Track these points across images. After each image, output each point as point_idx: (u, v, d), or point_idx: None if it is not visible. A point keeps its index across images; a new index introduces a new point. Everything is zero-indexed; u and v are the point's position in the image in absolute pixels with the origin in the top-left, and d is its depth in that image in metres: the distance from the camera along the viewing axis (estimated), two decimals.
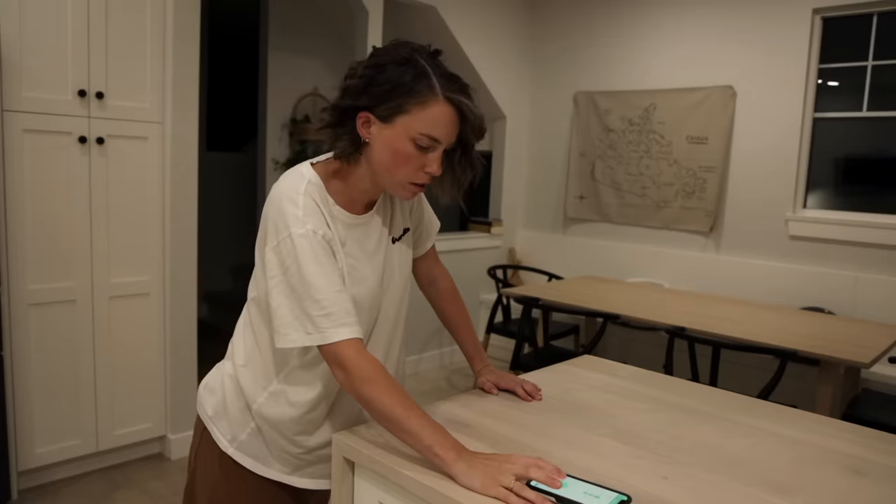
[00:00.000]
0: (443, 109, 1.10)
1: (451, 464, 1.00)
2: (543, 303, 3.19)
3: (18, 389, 2.51)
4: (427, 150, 1.12)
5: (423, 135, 1.10)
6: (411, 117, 1.09)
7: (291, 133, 4.66)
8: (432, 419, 1.05)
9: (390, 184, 1.16)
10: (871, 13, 3.54)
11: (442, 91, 1.10)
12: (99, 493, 2.63)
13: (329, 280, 1.09)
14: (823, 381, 2.54)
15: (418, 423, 1.03)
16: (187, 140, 2.85)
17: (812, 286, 3.66)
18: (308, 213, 1.11)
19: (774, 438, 1.24)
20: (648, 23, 4.32)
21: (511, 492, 0.95)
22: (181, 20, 2.77)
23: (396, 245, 1.30)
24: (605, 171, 4.56)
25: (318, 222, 1.12)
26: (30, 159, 2.46)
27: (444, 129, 1.11)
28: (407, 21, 4.54)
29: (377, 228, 1.26)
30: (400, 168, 1.13)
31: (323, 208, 1.14)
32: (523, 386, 1.39)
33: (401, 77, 1.09)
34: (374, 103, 1.10)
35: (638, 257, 4.40)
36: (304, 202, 1.12)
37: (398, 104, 1.09)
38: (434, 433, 1.03)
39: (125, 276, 2.76)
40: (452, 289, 1.50)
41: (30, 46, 2.41)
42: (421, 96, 1.08)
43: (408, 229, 1.34)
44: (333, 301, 1.08)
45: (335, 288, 1.09)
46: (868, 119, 3.59)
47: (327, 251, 1.12)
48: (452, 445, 1.02)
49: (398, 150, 1.11)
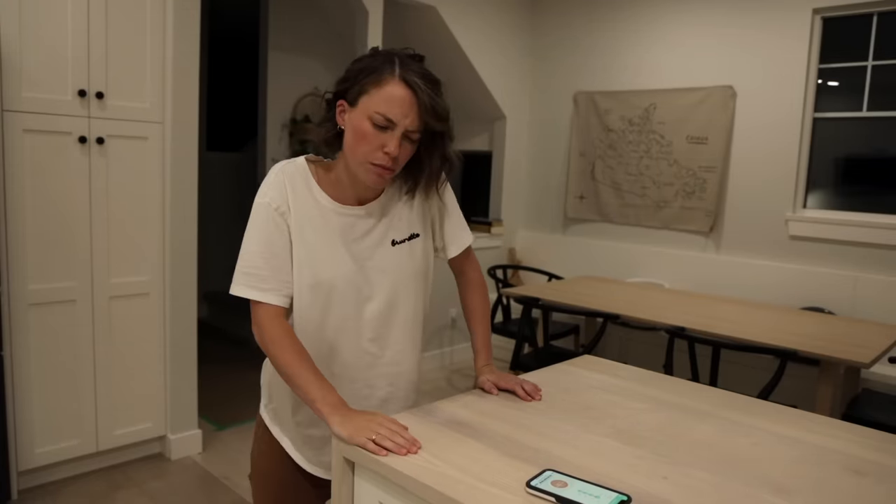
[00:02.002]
0: (396, 89, 1.17)
1: (328, 416, 1.13)
2: (543, 303, 3.19)
3: (18, 389, 2.51)
4: (385, 129, 1.18)
5: (377, 113, 1.17)
6: (369, 97, 1.18)
7: (291, 133, 4.66)
8: (324, 379, 1.18)
9: (354, 165, 1.22)
10: (871, 13, 3.54)
11: (400, 73, 1.18)
12: (99, 493, 2.63)
13: (265, 247, 1.23)
14: (823, 381, 2.54)
15: (307, 378, 1.17)
16: (187, 140, 2.85)
17: (812, 286, 3.66)
18: (272, 187, 1.25)
19: (774, 438, 1.24)
20: (648, 23, 4.32)
21: (371, 442, 1.08)
22: (181, 20, 2.77)
23: (398, 247, 1.33)
24: (605, 171, 4.56)
25: (278, 196, 1.24)
26: (30, 159, 2.46)
27: (397, 108, 1.17)
28: (407, 21, 4.54)
29: (369, 224, 1.31)
30: (359, 146, 1.20)
31: (289, 188, 1.25)
32: (523, 386, 1.39)
33: (369, 64, 1.21)
34: (347, 89, 1.22)
35: (638, 257, 4.40)
36: (274, 179, 1.25)
37: (361, 87, 1.19)
38: (320, 389, 1.16)
39: (125, 276, 2.76)
40: (478, 281, 1.53)
41: (30, 46, 2.41)
42: (379, 76, 1.18)
43: (416, 235, 1.36)
44: (261, 267, 1.23)
45: (267, 255, 1.23)
46: (868, 119, 3.59)
47: (277, 223, 1.24)
48: (333, 402, 1.15)
49: (358, 128, 1.19)
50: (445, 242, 1.45)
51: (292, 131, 4.66)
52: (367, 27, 3.90)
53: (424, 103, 1.18)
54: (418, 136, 1.21)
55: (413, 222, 1.36)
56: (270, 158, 4.60)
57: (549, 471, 1.04)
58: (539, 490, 0.97)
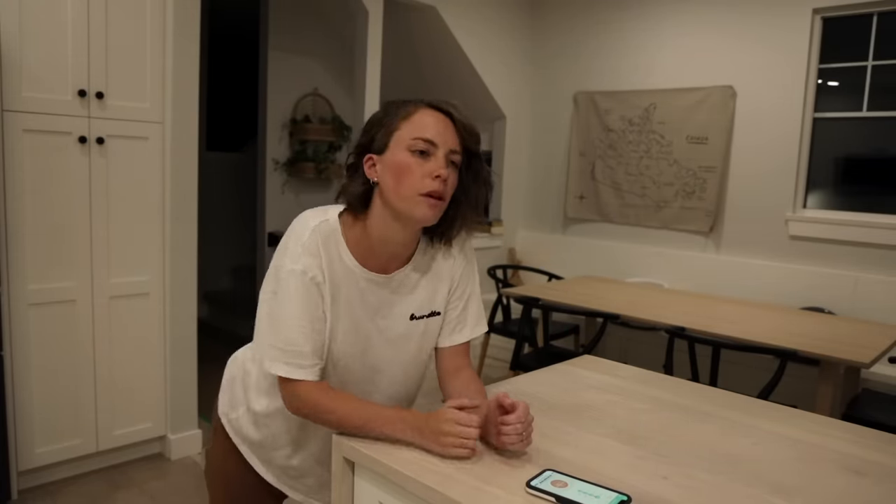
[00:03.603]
0: (428, 115, 1.15)
1: (416, 442, 1.10)
2: (543, 303, 3.19)
3: (18, 389, 2.51)
4: (426, 155, 1.13)
5: (415, 139, 1.13)
6: (401, 132, 1.15)
7: (291, 133, 4.66)
8: (380, 409, 1.15)
9: (404, 204, 1.14)
10: (871, 13, 3.54)
11: (426, 102, 1.17)
12: (99, 493, 2.63)
13: (304, 321, 1.15)
14: (823, 381, 2.54)
15: (374, 424, 1.12)
16: (187, 140, 2.85)
17: (812, 286, 3.66)
18: (307, 251, 1.15)
19: (774, 438, 1.24)
20: (648, 23, 4.32)
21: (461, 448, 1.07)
22: (181, 20, 2.77)
23: (415, 322, 1.28)
24: (605, 171, 4.56)
25: (313, 265, 1.15)
26: (30, 159, 2.46)
27: (433, 129, 1.14)
28: (407, 21, 4.54)
29: (393, 293, 1.24)
30: (404, 181, 1.13)
31: (324, 253, 1.16)
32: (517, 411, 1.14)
33: (387, 110, 1.19)
34: (372, 138, 1.18)
35: (638, 257, 4.40)
36: (307, 241, 1.15)
37: (388, 127, 1.16)
38: (392, 426, 1.11)
39: (125, 275, 2.76)
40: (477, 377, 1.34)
41: (30, 46, 2.41)
42: (405, 111, 1.16)
43: (437, 313, 1.30)
44: (300, 343, 1.15)
45: (307, 330, 1.15)
46: (868, 119, 3.59)
47: (312, 293, 1.15)
48: (412, 428, 1.10)
49: (398, 163, 1.13)
50: (456, 326, 1.33)
51: (292, 131, 4.66)
52: (368, 27, 3.90)
53: (460, 122, 1.16)
54: (459, 157, 1.17)
55: (435, 300, 1.30)
56: (270, 158, 4.60)
57: (549, 471, 1.04)
58: (539, 490, 0.97)
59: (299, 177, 4.72)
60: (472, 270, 1.35)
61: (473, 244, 1.35)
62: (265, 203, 4.63)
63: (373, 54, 3.94)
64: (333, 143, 4.82)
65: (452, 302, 1.32)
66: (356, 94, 4.05)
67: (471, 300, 1.34)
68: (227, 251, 5.41)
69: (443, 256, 1.29)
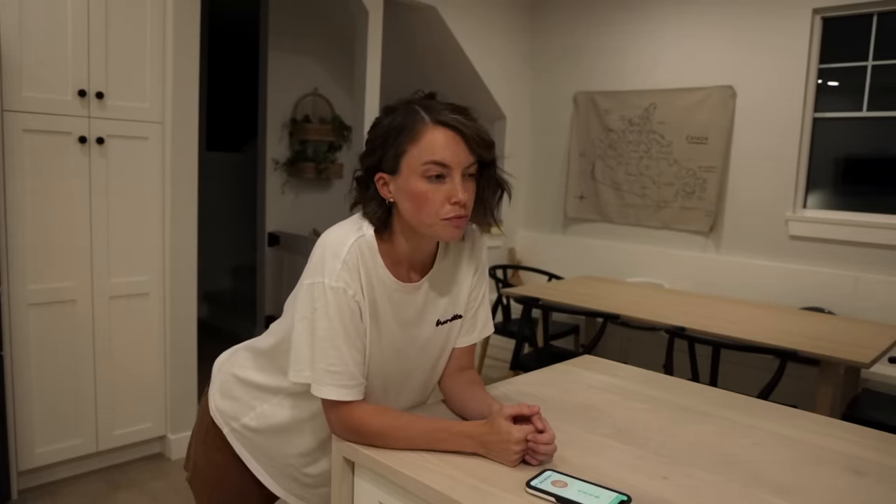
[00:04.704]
0: (436, 135, 1.10)
1: (480, 453, 1.09)
2: (543, 303, 3.19)
3: (18, 389, 2.51)
4: (441, 178, 1.11)
5: (426, 164, 1.09)
6: (410, 155, 1.10)
7: (291, 133, 4.66)
8: (436, 422, 1.13)
9: (425, 229, 1.14)
10: (871, 13, 3.54)
11: (431, 119, 1.11)
12: (99, 493, 2.63)
13: (348, 341, 1.12)
14: (823, 381, 2.54)
15: (445, 445, 1.11)
16: (187, 140, 2.85)
17: (812, 286, 3.66)
18: (346, 268, 1.12)
19: (774, 438, 1.24)
20: (648, 23, 4.32)
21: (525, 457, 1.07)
22: (181, 20, 2.77)
23: (440, 327, 1.28)
24: (605, 171, 4.56)
25: (353, 281, 1.13)
26: (30, 159, 2.46)
27: (445, 150, 1.10)
28: (407, 21, 4.54)
29: (421, 301, 1.24)
30: (424, 208, 1.11)
31: (363, 269, 1.14)
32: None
33: (391, 122, 1.12)
34: (380, 158, 1.14)
35: (638, 257, 4.40)
36: (347, 258, 1.12)
37: (396, 149, 1.11)
38: (460, 442, 1.10)
39: (125, 276, 2.76)
40: (479, 378, 1.35)
41: (30, 46, 2.41)
42: (412, 131, 1.10)
43: (459, 316, 1.31)
44: (347, 363, 1.12)
45: (352, 350, 1.13)
46: (868, 119, 3.59)
47: (353, 311, 1.13)
48: (473, 441, 1.09)
49: (413, 191, 1.11)
50: (467, 326, 1.34)
51: (292, 131, 4.66)
52: (368, 27, 3.90)
53: (470, 136, 1.11)
54: (475, 168, 1.14)
55: (457, 303, 1.30)
56: (270, 158, 4.60)
57: (549, 471, 1.04)
58: (539, 490, 0.97)
59: (299, 177, 4.72)
60: (485, 272, 1.36)
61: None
62: (265, 203, 4.63)
63: (373, 54, 3.94)
64: (333, 143, 4.82)
65: (469, 304, 1.33)
66: (356, 94, 4.04)
67: (482, 302, 1.35)
68: (227, 251, 5.41)
69: (461, 259, 1.31)
